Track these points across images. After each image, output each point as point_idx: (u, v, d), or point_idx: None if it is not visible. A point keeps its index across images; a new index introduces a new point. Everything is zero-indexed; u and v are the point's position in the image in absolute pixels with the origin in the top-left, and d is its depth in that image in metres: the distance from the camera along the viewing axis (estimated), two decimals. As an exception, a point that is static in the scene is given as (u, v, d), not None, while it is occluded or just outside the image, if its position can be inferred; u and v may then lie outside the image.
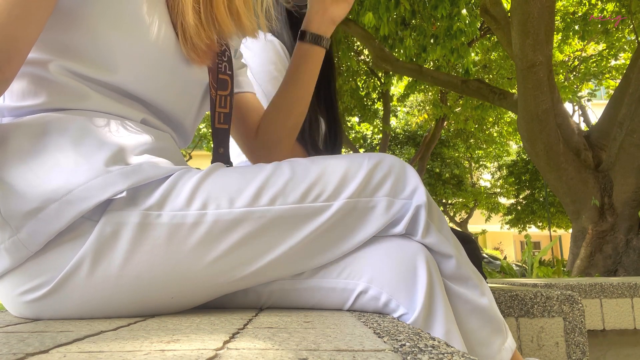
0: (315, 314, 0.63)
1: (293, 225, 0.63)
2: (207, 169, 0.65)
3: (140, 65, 0.70)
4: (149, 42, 0.69)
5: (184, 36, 0.73)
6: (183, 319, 0.58)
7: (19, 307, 0.63)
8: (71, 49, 0.66)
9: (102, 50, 0.67)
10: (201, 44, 0.73)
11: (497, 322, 0.74)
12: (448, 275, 0.71)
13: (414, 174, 0.70)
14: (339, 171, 0.66)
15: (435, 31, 5.46)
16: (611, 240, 4.65)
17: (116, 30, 0.67)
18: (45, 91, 0.66)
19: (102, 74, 0.67)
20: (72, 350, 0.36)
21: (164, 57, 0.72)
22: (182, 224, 0.60)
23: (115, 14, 0.67)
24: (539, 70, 4.30)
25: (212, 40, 0.75)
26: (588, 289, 1.77)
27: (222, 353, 0.34)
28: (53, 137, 0.63)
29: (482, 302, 0.72)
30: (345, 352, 0.35)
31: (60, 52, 0.66)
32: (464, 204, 16.81)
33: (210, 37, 0.74)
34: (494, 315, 0.73)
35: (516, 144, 14.54)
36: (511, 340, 0.76)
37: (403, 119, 14.95)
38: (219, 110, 0.87)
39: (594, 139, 5.08)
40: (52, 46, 0.66)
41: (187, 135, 0.85)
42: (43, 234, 0.57)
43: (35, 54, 0.66)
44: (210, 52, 0.77)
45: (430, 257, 0.68)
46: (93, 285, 0.59)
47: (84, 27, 0.66)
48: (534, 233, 19.32)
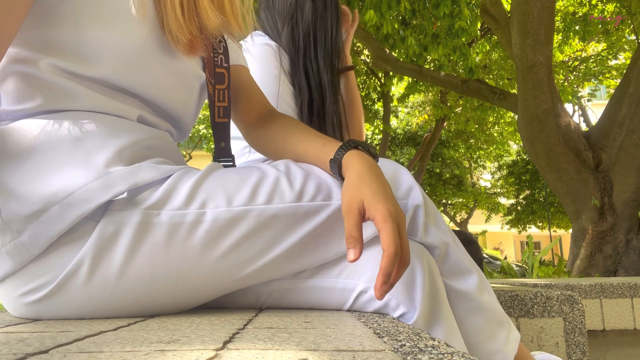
0: (315, 314, 0.63)
1: (292, 224, 0.63)
2: (206, 169, 0.65)
3: (124, 58, 0.69)
4: (130, 34, 0.69)
5: (168, 29, 0.72)
6: (183, 319, 0.58)
7: (20, 308, 0.63)
8: (56, 45, 0.66)
9: (86, 44, 0.66)
10: (182, 38, 0.72)
11: (500, 316, 0.75)
12: (449, 271, 0.71)
13: (408, 175, 0.71)
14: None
15: (436, 30, 5.46)
16: (611, 240, 4.65)
17: (95, 22, 0.66)
18: (40, 92, 0.66)
19: (86, 68, 0.67)
20: (72, 351, 0.36)
21: (149, 49, 0.71)
22: (182, 223, 0.60)
23: (94, 7, 0.66)
24: (539, 71, 4.31)
25: (194, 34, 0.74)
26: (588, 289, 1.77)
27: (222, 353, 0.34)
28: (52, 140, 0.63)
29: (484, 299, 0.72)
30: (345, 352, 0.35)
31: (47, 49, 0.66)
32: (464, 204, 16.81)
33: (192, 32, 0.73)
34: (496, 310, 0.74)
35: (516, 144, 14.53)
36: (515, 331, 0.77)
37: (404, 120, 14.94)
38: (218, 105, 0.86)
39: (594, 139, 5.07)
40: (39, 44, 0.66)
41: (186, 129, 0.85)
42: (45, 237, 0.57)
43: (24, 53, 0.66)
44: (195, 45, 0.76)
45: (430, 257, 0.68)
46: (94, 285, 0.59)
47: (66, 22, 0.66)
48: (534, 233, 19.32)
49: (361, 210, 0.60)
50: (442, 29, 5.33)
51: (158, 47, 0.72)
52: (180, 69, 0.77)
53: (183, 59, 0.77)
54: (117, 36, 0.68)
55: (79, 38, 0.66)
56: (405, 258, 0.59)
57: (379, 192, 0.60)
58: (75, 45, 0.66)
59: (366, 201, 0.60)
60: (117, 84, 0.70)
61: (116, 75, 0.69)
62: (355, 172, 0.63)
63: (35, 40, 0.66)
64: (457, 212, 17.77)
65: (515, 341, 0.76)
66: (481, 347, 0.72)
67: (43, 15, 0.66)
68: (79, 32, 0.66)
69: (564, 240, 12.90)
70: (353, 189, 0.61)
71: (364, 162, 0.65)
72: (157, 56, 0.73)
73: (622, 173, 4.55)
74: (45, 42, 0.66)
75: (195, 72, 0.81)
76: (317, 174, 0.68)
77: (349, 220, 0.60)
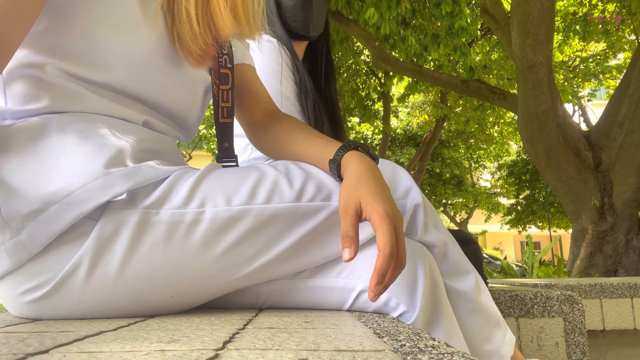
0: (315, 314, 0.63)
1: (291, 224, 0.63)
2: (205, 169, 0.65)
3: (134, 65, 0.69)
4: (139, 41, 0.69)
5: (179, 41, 0.72)
6: (183, 319, 0.58)
7: (19, 307, 0.63)
8: (66, 50, 0.66)
9: (95, 50, 0.67)
10: (197, 49, 0.72)
11: (496, 317, 0.75)
12: (447, 271, 0.71)
13: (406, 176, 0.71)
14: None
15: (436, 30, 5.45)
16: (611, 240, 4.65)
17: (107, 29, 0.67)
18: (46, 95, 0.66)
19: (97, 74, 0.67)
20: (72, 351, 0.36)
21: (156, 57, 0.72)
22: (181, 222, 0.60)
23: (105, 13, 0.66)
24: (539, 71, 4.30)
25: (208, 44, 0.74)
26: (588, 289, 1.77)
27: (222, 353, 0.34)
28: (54, 139, 0.63)
29: (482, 299, 0.73)
30: (345, 352, 0.35)
31: (56, 53, 0.66)
32: (464, 204, 16.81)
33: (207, 41, 0.73)
34: (492, 311, 0.75)
35: (516, 144, 14.53)
36: (510, 333, 0.77)
37: (404, 120, 14.94)
38: (222, 105, 0.86)
39: (594, 139, 5.07)
40: (48, 48, 0.66)
41: (191, 131, 0.85)
42: (43, 236, 0.58)
43: (33, 57, 0.66)
44: (207, 56, 0.76)
45: (430, 256, 0.68)
46: (93, 284, 0.59)
47: (77, 27, 0.66)
48: (534, 233, 19.31)
49: (358, 210, 0.60)
50: (442, 28, 5.33)
51: (166, 57, 0.73)
52: (187, 75, 0.77)
53: (190, 68, 0.77)
54: (126, 43, 0.68)
55: (88, 43, 0.66)
56: (401, 260, 0.59)
57: (377, 192, 0.60)
58: (84, 50, 0.66)
59: (363, 201, 0.60)
60: (124, 89, 0.70)
61: (123, 80, 0.69)
62: (354, 172, 0.63)
63: (43, 44, 0.66)
64: (457, 212, 17.77)
65: (510, 343, 0.76)
66: (478, 348, 0.72)
67: (52, 19, 0.66)
68: (87, 37, 0.66)
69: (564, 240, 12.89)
70: (350, 188, 0.61)
71: (362, 162, 0.65)
72: (164, 65, 0.73)
73: (622, 173, 4.55)
74: (54, 46, 0.66)
75: (201, 78, 0.81)
76: (317, 174, 0.68)
77: (346, 220, 0.60)
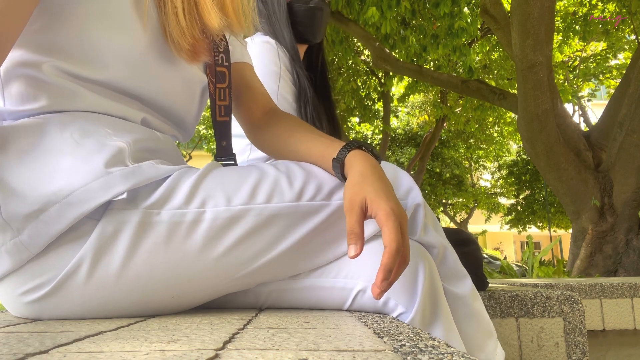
0: (315, 314, 0.63)
1: (291, 223, 0.63)
2: (205, 168, 0.65)
3: (129, 62, 0.69)
4: (133, 39, 0.69)
5: (170, 36, 0.72)
6: (183, 319, 0.58)
7: (20, 308, 0.63)
8: (62, 48, 0.66)
9: (90, 48, 0.67)
10: (185, 43, 0.72)
11: (489, 326, 0.75)
12: (446, 274, 0.71)
13: (407, 177, 0.72)
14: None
15: (436, 30, 5.45)
16: (611, 240, 4.65)
17: (102, 27, 0.67)
18: (44, 94, 0.66)
19: (92, 72, 0.67)
20: (72, 351, 0.36)
21: (151, 55, 0.71)
22: (182, 222, 0.60)
23: (98, 11, 0.66)
24: (539, 71, 4.30)
25: (197, 38, 0.74)
26: (588, 289, 1.77)
27: (222, 353, 0.34)
28: (53, 139, 0.63)
29: (476, 306, 0.73)
30: (345, 352, 0.35)
31: (52, 52, 0.66)
32: (464, 204, 16.80)
33: (195, 35, 0.73)
34: (487, 320, 0.75)
35: (516, 144, 14.53)
36: (500, 347, 0.77)
37: (404, 120, 14.94)
38: (219, 104, 0.86)
39: (594, 139, 5.07)
40: (44, 47, 0.66)
41: (189, 130, 0.85)
42: (44, 236, 0.58)
43: (29, 56, 0.66)
44: (198, 51, 0.76)
45: (429, 256, 0.68)
46: (93, 284, 0.59)
47: (72, 25, 0.66)
48: (534, 233, 19.30)
49: (363, 207, 0.60)
50: (442, 29, 5.33)
51: (160, 54, 0.73)
52: (183, 74, 0.77)
53: (185, 64, 0.77)
54: (121, 40, 0.68)
55: (83, 41, 0.66)
56: (406, 257, 0.59)
57: (382, 190, 0.61)
58: (79, 48, 0.66)
59: (369, 199, 0.60)
60: (121, 87, 0.70)
61: (120, 78, 0.69)
62: (358, 170, 0.63)
63: (39, 43, 0.66)
64: (457, 212, 17.76)
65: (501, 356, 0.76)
66: (474, 356, 0.72)
67: (47, 18, 0.66)
68: (82, 35, 0.66)
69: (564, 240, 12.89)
70: (355, 186, 0.61)
71: (366, 161, 0.65)
72: (160, 62, 0.73)
73: (622, 173, 4.55)
74: (49, 45, 0.66)
75: (197, 76, 0.81)
76: (318, 174, 0.68)
77: (351, 217, 0.60)
